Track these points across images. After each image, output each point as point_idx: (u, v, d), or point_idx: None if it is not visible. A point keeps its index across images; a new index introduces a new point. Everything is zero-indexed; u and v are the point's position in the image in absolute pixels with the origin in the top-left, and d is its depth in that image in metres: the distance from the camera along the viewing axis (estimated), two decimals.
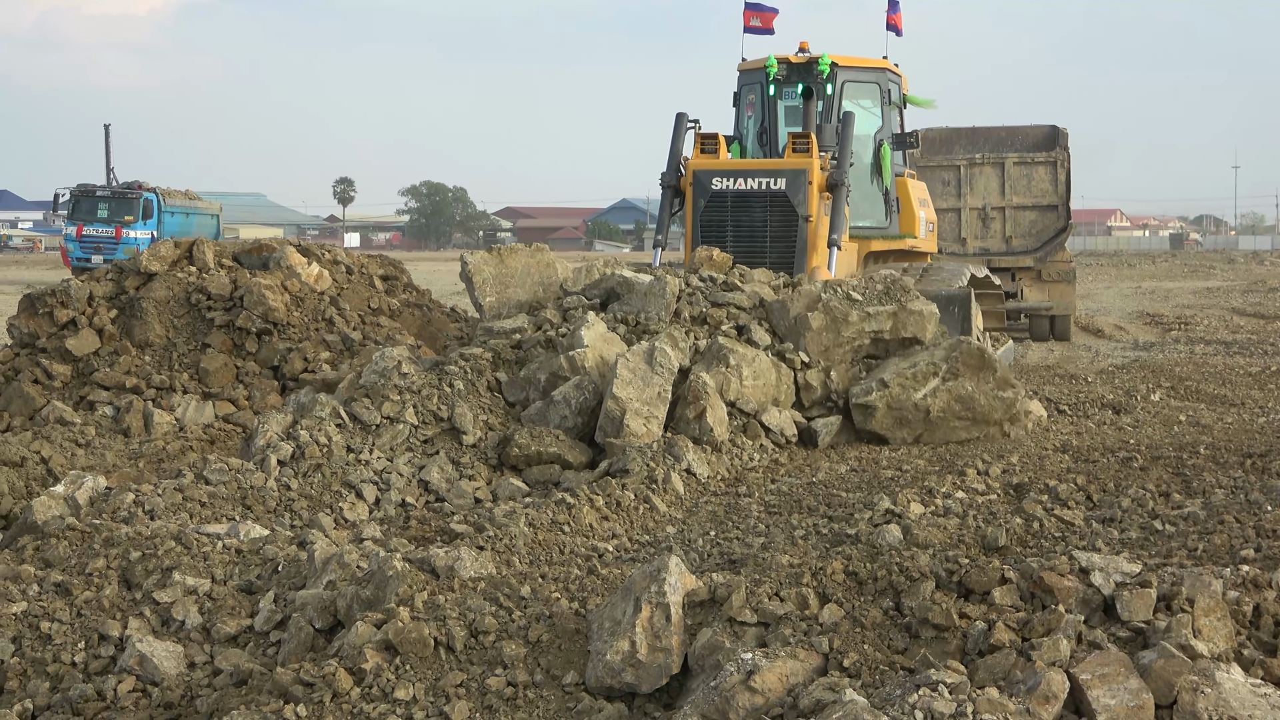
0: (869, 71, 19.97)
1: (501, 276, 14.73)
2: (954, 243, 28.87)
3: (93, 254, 54.36)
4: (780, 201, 17.15)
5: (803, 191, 17.09)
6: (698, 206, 17.47)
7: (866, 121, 19.92)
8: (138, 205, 56.29)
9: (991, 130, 29.87)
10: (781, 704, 6.14)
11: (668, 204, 18.03)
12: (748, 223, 17.25)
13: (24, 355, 13.91)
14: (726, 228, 17.28)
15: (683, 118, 18.08)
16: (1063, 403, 15.84)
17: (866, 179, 19.74)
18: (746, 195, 17.25)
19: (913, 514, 9.61)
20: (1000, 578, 6.78)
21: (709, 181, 17.41)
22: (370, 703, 6.75)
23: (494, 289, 14.71)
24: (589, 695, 6.82)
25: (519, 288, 14.71)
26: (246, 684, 7.37)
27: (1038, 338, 28.47)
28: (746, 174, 17.40)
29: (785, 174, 17.22)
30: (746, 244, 16.99)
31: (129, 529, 9.37)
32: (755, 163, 18.27)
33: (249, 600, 8.40)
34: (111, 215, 56.01)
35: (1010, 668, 6.13)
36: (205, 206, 63.33)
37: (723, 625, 6.80)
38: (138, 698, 7.61)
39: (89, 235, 55.58)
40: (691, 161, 17.75)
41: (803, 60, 19.51)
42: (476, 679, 6.90)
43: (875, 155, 19.74)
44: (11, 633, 8.15)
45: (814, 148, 17.36)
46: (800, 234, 17.06)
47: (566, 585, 7.93)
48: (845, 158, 17.49)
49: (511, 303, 14.56)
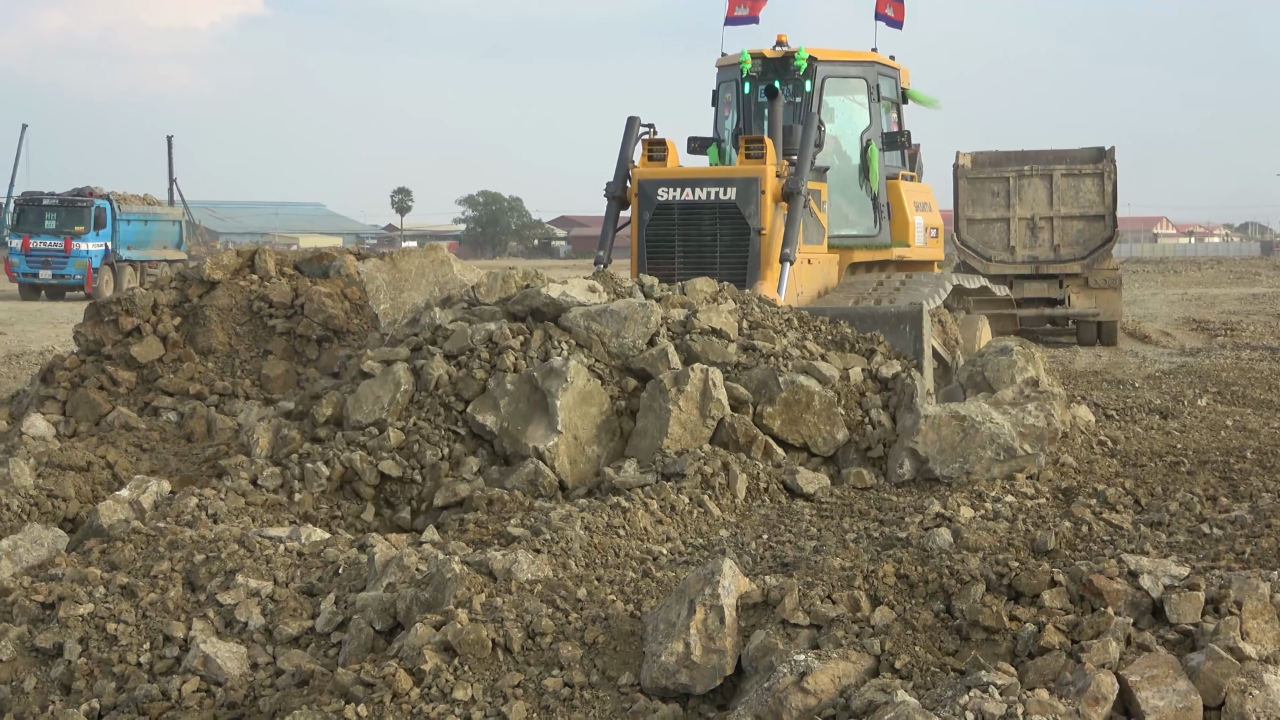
0: (854, 65, 18.38)
1: (395, 281, 14.10)
2: (1003, 251, 29.55)
3: (40, 269, 51.05)
4: (730, 213, 15.71)
5: (755, 202, 15.65)
6: (643, 219, 16.09)
7: (853, 120, 18.47)
8: (88, 214, 51.97)
9: (1041, 153, 30.42)
10: (834, 705, 6.22)
11: (613, 217, 16.64)
12: (696, 236, 15.85)
13: (90, 362, 14.06)
14: (674, 242, 15.92)
15: (634, 122, 16.72)
16: (1110, 407, 15.86)
17: (853, 183, 18.24)
18: (694, 206, 15.85)
19: (963, 518, 9.66)
20: (1050, 581, 6.84)
21: (654, 192, 16.01)
22: (429, 703, 6.87)
23: (388, 295, 14.11)
24: (644, 696, 6.92)
25: (414, 290, 14.07)
26: (308, 684, 7.49)
27: (1085, 343, 28.98)
28: (694, 183, 15.96)
29: (736, 183, 15.76)
30: (695, 259, 15.68)
31: (193, 532, 9.50)
32: (703, 171, 16.87)
33: (310, 602, 8.50)
34: (60, 226, 51.62)
35: (1060, 669, 6.19)
36: (167, 213, 59.35)
37: (776, 627, 6.88)
38: (202, 697, 7.72)
39: (36, 249, 51.25)
40: (637, 170, 16.36)
41: (779, 55, 18.02)
42: (533, 680, 7.01)
43: (863, 157, 18.11)
44: (78, 634, 8.27)
45: (769, 153, 15.87)
46: (752, 248, 15.60)
47: (622, 588, 8.02)
48: (805, 163, 15.87)
49: (406, 306, 13.96)
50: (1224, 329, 32.82)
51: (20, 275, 51.62)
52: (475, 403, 11.49)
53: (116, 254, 52.40)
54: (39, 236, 51.34)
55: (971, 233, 30.10)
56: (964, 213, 30.12)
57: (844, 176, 17.99)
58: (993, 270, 28.69)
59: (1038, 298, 29.51)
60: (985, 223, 30.00)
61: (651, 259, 15.74)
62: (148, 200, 57.66)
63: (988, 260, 29.57)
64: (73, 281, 50.93)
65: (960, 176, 30.15)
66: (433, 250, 14.42)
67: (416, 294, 14.02)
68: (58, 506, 11.12)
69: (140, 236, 54.83)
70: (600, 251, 16.53)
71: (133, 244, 54.03)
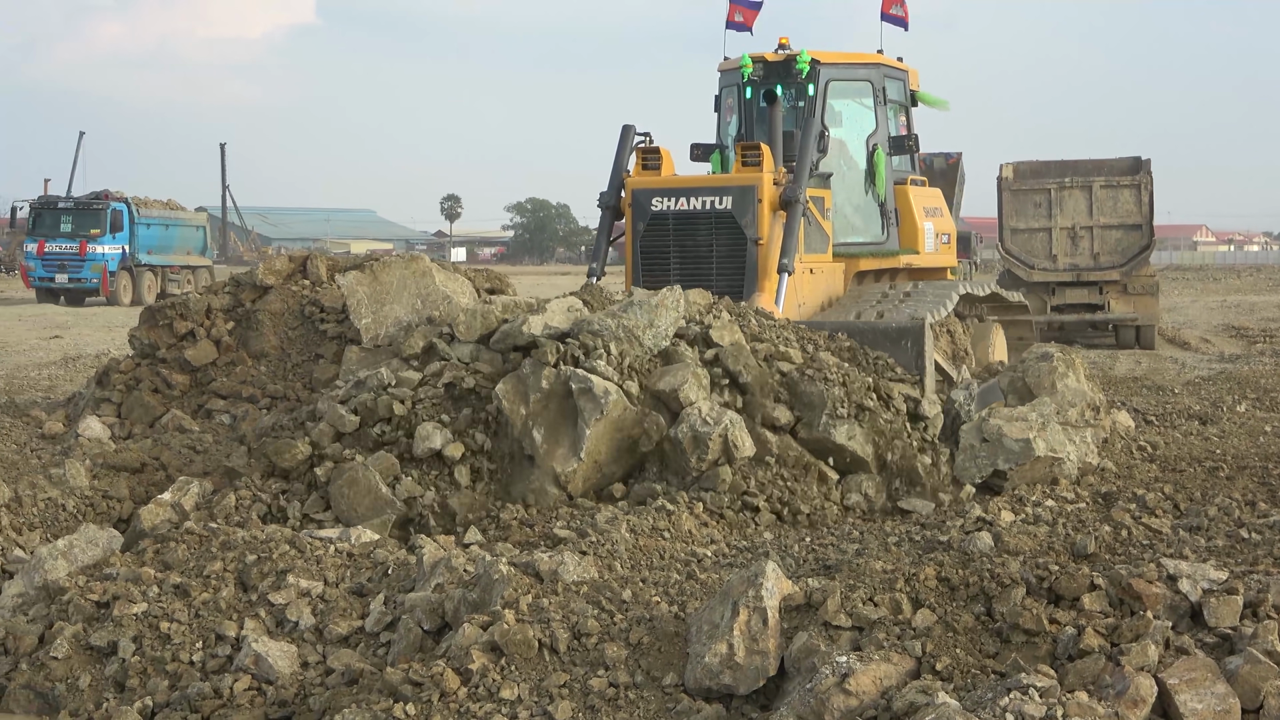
0: (858, 68, 17.53)
1: (377, 294, 13.60)
2: (1046, 259, 30.70)
3: (56, 272, 49.98)
4: (726, 222, 15.14)
5: (751, 211, 15.06)
6: (637, 230, 15.51)
7: (859, 124, 17.68)
8: (104, 217, 50.64)
9: (1079, 163, 31.60)
10: (875, 706, 6.30)
11: (606, 228, 16.16)
12: (692, 247, 15.29)
13: (145, 365, 14.18)
14: (669, 253, 15.33)
15: (629, 130, 16.14)
16: (1150, 413, 15.87)
17: (859, 189, 17.46)
18: (690, 216, 15.26)
19: (1003, 521, 9.72)
20: (1089, 584, 6.89)
21: (648, 202, 15.41)
22: (476, 702, 6.97)
23: (370, 309, 13.63)
24: (688, 696, 7.01)
25: (396, 303, 13.54)
26: (357, 683, 7.60)
27: (1124, 346, 29.83)
28: (689, 192, 15.37)
29: (731, 192, 15.18)
30: (691, 271, 15.01)
31: (245, 533, 9.62)
32: (698, 180, 16.00)
33: (360, 602, 8.60)
34: (76, 229, 50.55)
35: (1099, 672, 6.25)
36: (189, 218, 57.18)
37: (818, 629, 6.94)
38: (253, 696, 7.83)
39: (51, 252, 50.24)
40: (630, 179, 15.70)
41: (780, 58, 17.22)
42: (579, 680, 7.11)
43: (869, 161, 17.35)
44: (132, 632, 8.40)
45: (766, 160, 15.30)
46: (750, 258, 15.04)
47: (666, 589, 8.11)
48: (803, 170, 15.21)
49: (389, 320, 13.48)
50: (1263, 336, 32.79)
51: (36, 279, 50.59)
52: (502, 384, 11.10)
53: (135, 258, 51.30)
54: (54, 240, 50.28)
55: (1015, 242, 31.17)
56: (1008, 223, 31.25)
57: (850, 182, 17.39)
58: (1036, 278, 30.24)
59: (1079, 303, 30.73)
60: (1028, 232, 31.12)
61: (646, 271, 15.28)
62: (170, 205, 56.19)
63: (1031, 268, 30.73)
64: (89, 285, 49.88)
65: (1004, 188, 31.28)
66: (414, 261, 13.90)
67: (399, 307, 13.56)
68: (112, 507, 11.26)
69: (161, 241, 53.40)
70: (593, 264, 16.07)
71: (153, 248, 52.71)
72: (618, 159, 15.97)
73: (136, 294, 49.96)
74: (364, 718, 7.00)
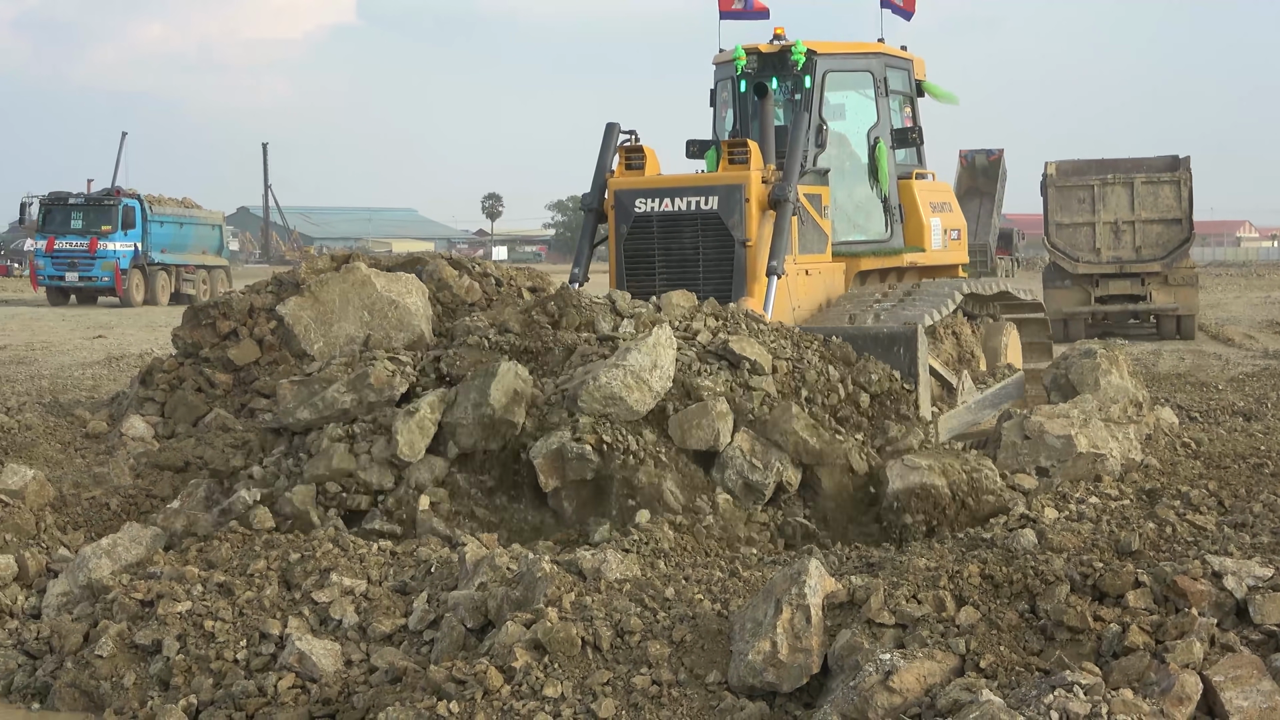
0: (857, 58, 16.64)
1: (321, 315, 13.09)
2: (1090, 253, 32.09)
3: (66, 270, 48.58)
4: (713, 224, 14.36)
5: (739, 211, 14.28)
6: (620, 233, 14.78)
7: (860, 117, 16.86)
8: (115, 214, 49.26)
9: (1120, 161, 33.25)
10: (919, 704, 6.31)
11: (589, 231, 15.36)
12: (677, 250, 14.52)
13: (188, 365, 14.21)
14: (654, 257, 14.59)
15: (613, 129, 15.44)
16: (1194, 409, 15.82)
17: (861, 185, 16.64)
18: (674, 218, 14.49)
19: (1047, 519, 9.70)
20: (1134, 581, 6.90)
21: (631, 203, 14.66)
22: (520, 700, 6.99)
23: (318, 332, 13.12)
24: (731, 694, 7.02)
25: (343, 320, 13.02)
26: (401, 681, 7.63)
27: (1165, 336, 31.57)
28: (673, 193, 14.58)
29: (717, 191, 14.40)
30: (677, 274, 14.28)
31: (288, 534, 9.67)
32: (683, 179, 15.16)
33: (403, 600, 8.64)
34: (86, 226, 49.05)
35: (1144, 670, 6.26)
36: (205, 216, 55.65)
37: (861, 627, 6.95)
38: (297, 694, 7.87)
39: (61, 249, 48.75)
40: (613, 180, 14.97)
41: (775, 49, 16.28)
42: (622, 677, 7.13)
43: (870, 156, 16.50)
44: (176, 631, 8.44)
45: (754, 157, 14.49)
46: (737, 260, 14.28)
47: (709, 587, 8.11)
48: (793, 167, 14.41)
49: (341, 339, 12.96)
50: None
51: (46, 278, 49.31)
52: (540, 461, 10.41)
53: (148, 256, 50.11)
54: (64, 237, 48.94)
55: (1060, 236, 32.44)
56: (1053, 218, 32.48)
57: (851, 178, 16.57)
58: (1080, 270, 31.92)
59: (1121, 294, 32.33)
60: (1073, 227, 32.47)
61: (630, 275, 14.62)
62: (185, 203, 54.90)
63: (1076, 261, 32.15)
64: (101, 284, 48.86)
65: (1049, 185, 32.57)
66: (350, 272, 13.29)
67: (347, 324, 13.06)
68: (156, 506, 11.31)
69: (175, 239, 52.22)
70: (575, 269, 15.33)
71: (166, 247, 51.55)
72: (601, 158, 15.33)
73: (149, 293, 49.04)
74: (407, 716, 7.01)
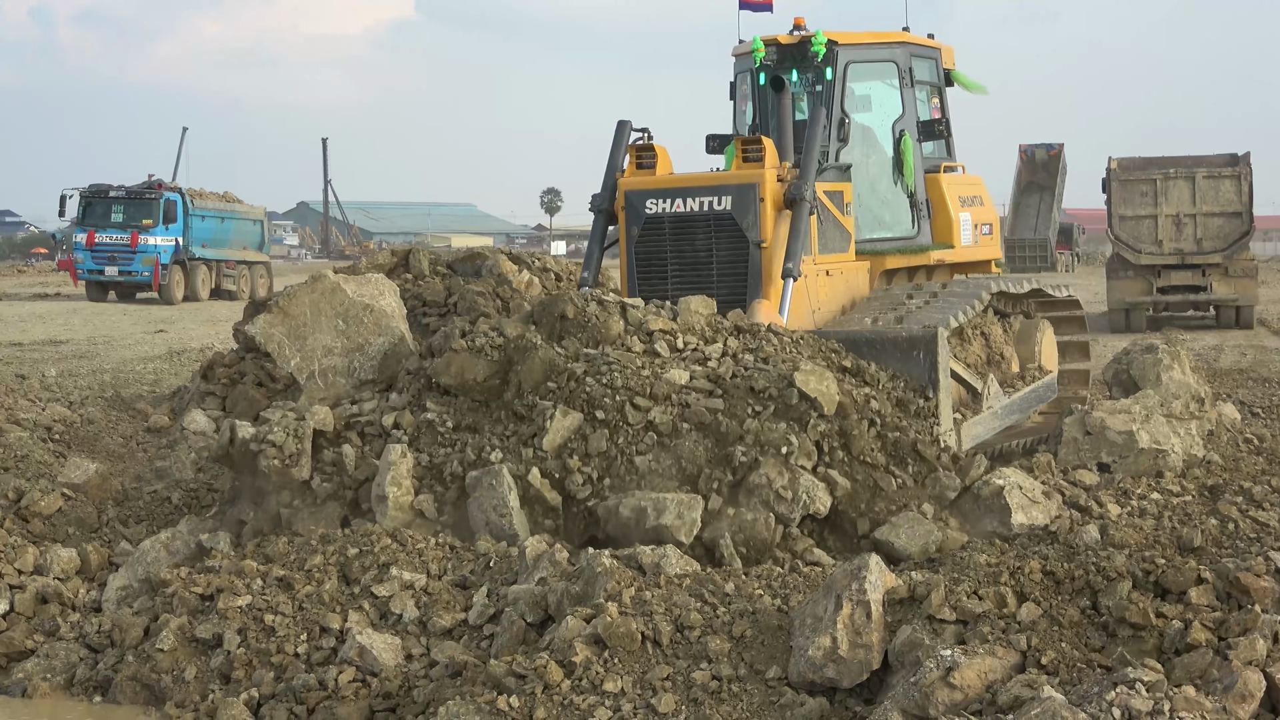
0: (881, 48, 15.95)
1: (294, 330, 12.53)
2: (1152, 244, 33.01)
3: (106, 264, 47.34)
4: (726, 224, 13.70)
5: (753, 211, 13.63)
6: (631, 234, 14.13)
7: (885, 109, 16.15)
8: (157, 208, 47.85)
9: (1181, 159, 34.22)
10: (980, 700, 6.29)
11: (599, 233, 14.70)
12: (690, 252, 13.89)
13: (248, 359, 14.35)
14: (666, 259, 13.96)
15: (624, 127, 14.82)
16: (1256, 405, 15.73)
17: (885, 179, 15.91)
18: (686, 219, 13.84)
19: (1110, 514, 9.68)
20: (1196, 578, 6.88)
21: (642, 204, 14.04)
22: (580, 694, 7.01)
23: (293, 347, 12.55)
24: (791, 689, 7.03)
25: (318, 332, 12.46)
26: (461, 675, 7.67)
27: (1224, 325, 32.62)
28: (686, 193, 13.93)
29: (731, 190, 13.74)
30: (690, 277, 13.81)
31: (345, 528, 9.71)
32: (695, 178, 14.46)
33: (463, 595, 8.69)
34: (127, 219, 47.71)
35: (1207, 666, 6.24)
36: (246, 211, 54.59)
37: (922, 623, 6.96)
38: (358, 687, 7.93)
39: (101, 243, 47.44)
40: (623, 180, 14.30)
41: (795, 40, 15.61)
42: (682, 672, 7.15)
43: (895, 149, 15.79)
44: (237, 625, 8.53)
45: (769, 155, 13.86)
46: (752, 262, 13.62)
47: (769, 582, 8.12)
48: (810, 164, 13.73)
49: (318, 350, 12.39)
50: None
51: (85, 272, 48.17)
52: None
53: (189, 251, 49.00)
54: (105, 230, 47.63)
55: (1124, 228, 33.35)
56: (1116, 210, 33.41)
57: (876, 173, 15.83)
58: (1143, 261, 32.92)
59: (1183, 285, 33.10)
60: (1135, 219, 33.36)
61: (642, 278, 14.05)
62: (226, 197, 53.78)
63: (1139, 252, 33.06)
64: (140, 279, 47.53)
65: (1112, 179, 33.59)
66: (317, 282, 12.76)
67: (322, 335, 12.48)
68: (217, 500, 11.38)
69: (216, 234, 51.12)
70: (585, 272, 14.85)
71: (207, 242, 50.51)
72: (611, 158, 14.67)
73: (190, 289, 48.30)
74: (468, 710, 7.03)
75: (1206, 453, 11.75)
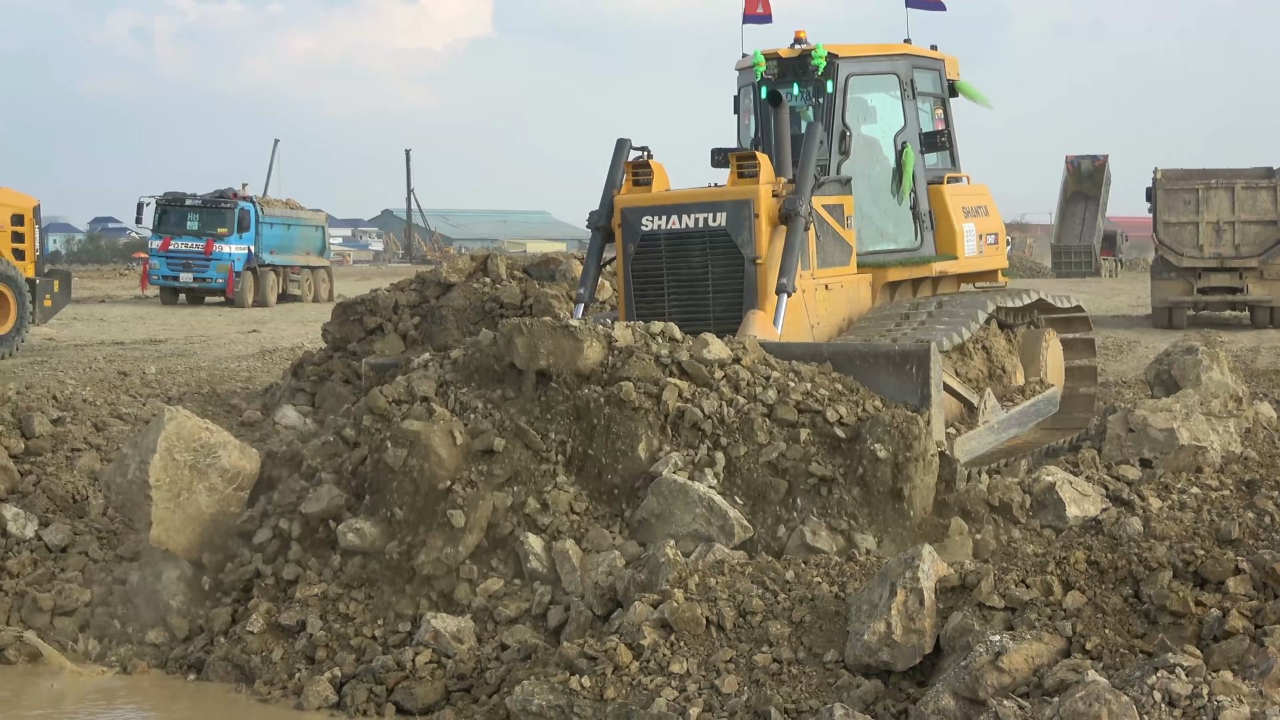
0: (882, 60, 15.59)
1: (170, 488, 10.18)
2: (1193, 249, 35.34)
3: (181, 271, 47.72)
4: (721, 241, 13.28)
5: (748, 227, 13.23)
6: (627, 252, 13.72)
7: (888, 121, 15.74)
8: (231, 216, 48.55)
9: (1220, 171, 36.42)
10: (1027, 683, 6.56)
11: (596, 250, 14.32)
12: (686, 269, 13.45)
13: (336, 358, 14.74)
14: (662, 277, 13.51)
15: (623, 144, 14.32)
16: None
17: (887, 192, 15.45)
18: (682, 236, 13.42)
19: (1151, 508, 9.91)
20: (1234, 568, 7.09)
21: (638, 221, 13.62)
22: (648, 675, 7.34)
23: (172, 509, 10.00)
24: (848, 672, 7.33)
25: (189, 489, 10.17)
26: (531, 658, 8.01)
27: (1258, 325, 34.73)
28: (680, 209, 13.52)
29: (725, 207, 13.33)
30: (687, 295, 13.41)
31: None
32: (690, 195, 13.94)
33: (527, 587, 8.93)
34: (202, 228, 48.34)
35: (1244, 653, 6.49)
36: (309, 218, 55.19)
37: (972, 609, 7.21)
38: (434, 669, 8.28)
39: (176, 250, 47.84)
40: (620, 197, 13.84)
41: (795, 54, 15.23)
42: (745, 655, 7.45)
43: (897, 161, 15.37)
44: (317, 611, 8.92)
45: (764, 170, 13.44)
46: (748, 279, 13.22)
47: (827, 570, 8.33)
48: (805, 178, 13.30)
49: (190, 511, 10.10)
50: None
51: (160, 278, 48.49)
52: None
53: (259, 258, 49.80)
54: (180, 238, 48.03)
55: (1167, 234, 35.50)
56: (1161, 217, 35.59)
57: (878, 185, 15.41)
58: (1185, 263, 35.10)
59: (1221, 287, 35.21)
60: (1178, 225, 35.54)
61: (639, 296, 13.65)
62: (290, 204, 54.65)
63: (1180, 255, 35.12)
64: (214, 285, 48.23)
65: (1157, 188, 36.05)
66: (170, 421, 10.52)
67: (196, 487, 10.18)
68: None
69: (283, 241, 51.88)
70: (581, 289, 14.43)
71: (275, 248, 51.24)
72: (610, 175, 14.21)
73: (259, 294, 48.76)
74: (542, 689, 7.34)
75: (1244, 449, 11.94)
